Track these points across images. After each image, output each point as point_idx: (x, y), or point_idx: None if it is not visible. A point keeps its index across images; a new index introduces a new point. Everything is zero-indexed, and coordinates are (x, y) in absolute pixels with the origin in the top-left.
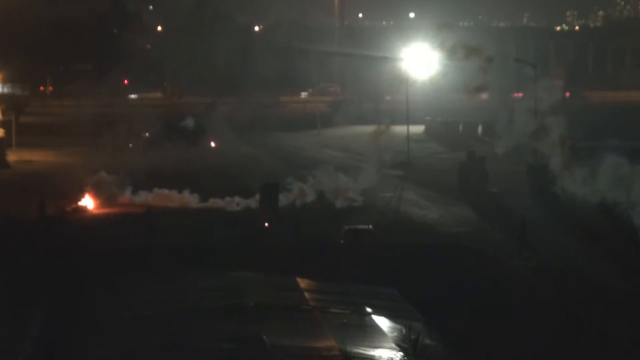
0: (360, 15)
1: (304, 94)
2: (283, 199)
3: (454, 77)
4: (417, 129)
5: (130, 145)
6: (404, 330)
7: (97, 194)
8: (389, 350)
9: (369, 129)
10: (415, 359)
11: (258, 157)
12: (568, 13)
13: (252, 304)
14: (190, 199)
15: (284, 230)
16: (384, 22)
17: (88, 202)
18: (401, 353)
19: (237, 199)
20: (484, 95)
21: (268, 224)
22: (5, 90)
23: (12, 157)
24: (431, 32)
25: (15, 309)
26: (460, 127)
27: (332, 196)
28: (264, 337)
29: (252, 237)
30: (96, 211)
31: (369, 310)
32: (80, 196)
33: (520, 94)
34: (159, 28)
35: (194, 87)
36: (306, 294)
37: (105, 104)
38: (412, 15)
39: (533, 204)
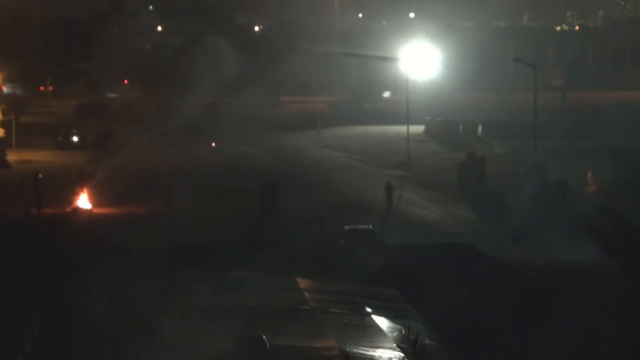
0: (360, 15)
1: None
2: None
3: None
4: (417, 129)
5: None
6: (404, 330)
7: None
8: (389, 350)
9: (369, 129)
10: (415, 359)
11: (258, 157)
12: (568, 13)
13: (252, 304)
14: None
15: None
16: (384, 22)
17: (85, 202)
18: (401, 353)
19: None
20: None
21: None
22: (8, 90)
23: (12, 157)
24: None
25: (15, 309)
26: (460, 127)
27: None
28: (264, 337)
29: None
30: (95, 211)
31: (369, 310)
32: (77, 196)
33: None
34: (159, 28)
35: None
36: (306, 294)
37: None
38: (412, 15)
39: (532, 203)
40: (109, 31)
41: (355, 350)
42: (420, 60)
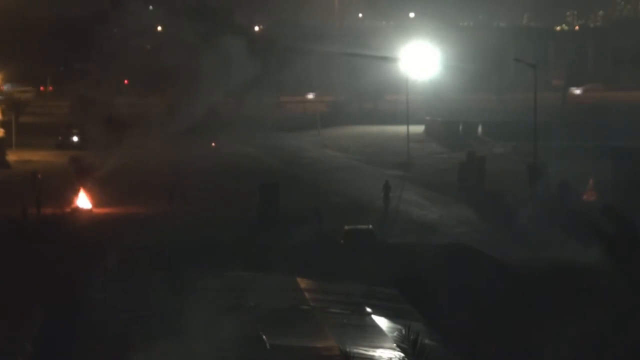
0: (360, 15)
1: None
2: None
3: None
4: (417, 129)
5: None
6: (404, 330)
7: None
8: (389, 350)
9: (369, 129)
10: (414, 359)
11: (258, 157)
12: (568, 13)
13: (252, 304)
14: None
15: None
16: (384, 22)
17: (85, 202)
18: (401, 353)
19: None
20: None
21: None
22: (9, 89)
23: (12, 157)
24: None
25: (15, 309)
26: (460, 127)
27: None
28: (264, 337)
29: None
30: (95, 211)
31: (369, 310)
32: (76, 196)
33: None
34: (159, 28)
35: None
36: (306, 294)
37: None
38: (412, 15)
39: (533, 203)
40: (109, 31)
41: (355, 350)
42: (420, 60)
